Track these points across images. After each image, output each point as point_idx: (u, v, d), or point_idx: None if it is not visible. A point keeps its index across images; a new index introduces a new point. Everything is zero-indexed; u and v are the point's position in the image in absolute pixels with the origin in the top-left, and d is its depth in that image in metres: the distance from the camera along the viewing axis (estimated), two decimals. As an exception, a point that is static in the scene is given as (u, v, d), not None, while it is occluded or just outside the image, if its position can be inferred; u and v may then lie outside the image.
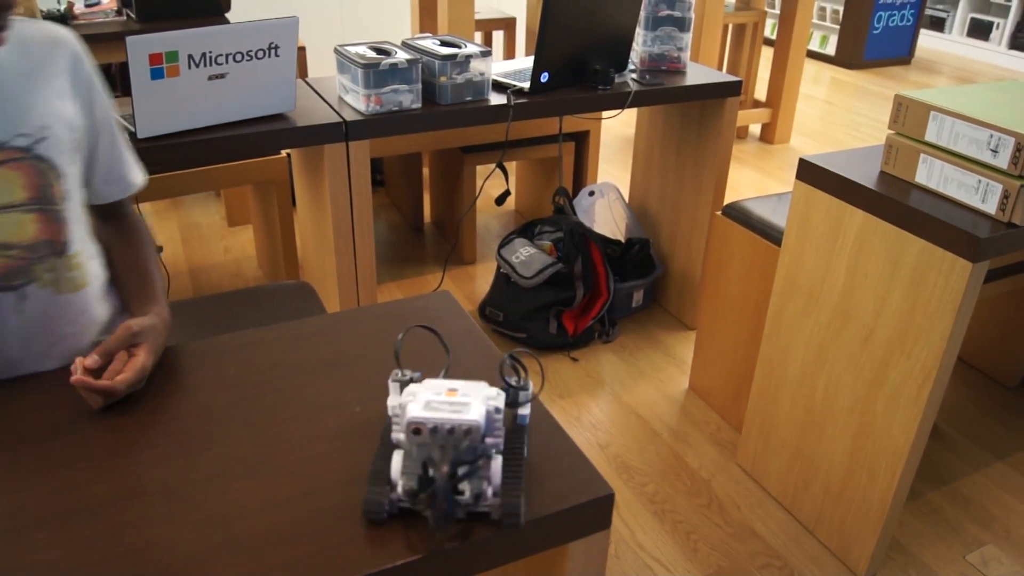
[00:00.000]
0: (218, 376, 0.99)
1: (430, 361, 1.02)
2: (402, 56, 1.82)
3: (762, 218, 1.88)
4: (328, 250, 1.97)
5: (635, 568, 1.66)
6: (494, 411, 0.77)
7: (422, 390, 0.78)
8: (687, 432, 2.07)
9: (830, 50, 6.03)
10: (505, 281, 2.40)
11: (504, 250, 2.42)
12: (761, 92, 4.28)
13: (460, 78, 1.90)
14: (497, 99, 1.96)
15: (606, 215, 2.68)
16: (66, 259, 1.03)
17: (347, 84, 1.87)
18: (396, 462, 0.76)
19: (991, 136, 1.33)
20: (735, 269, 1.96)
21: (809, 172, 1.58)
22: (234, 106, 1.71)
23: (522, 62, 2.24)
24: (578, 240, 2.34)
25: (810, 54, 6.13)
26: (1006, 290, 1.89)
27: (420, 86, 1.86)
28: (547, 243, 2.41)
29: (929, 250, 1.37)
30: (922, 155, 1.44)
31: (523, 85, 2.02)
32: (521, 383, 0.85)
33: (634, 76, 2.19)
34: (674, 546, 1.72)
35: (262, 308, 1.55)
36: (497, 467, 0.77)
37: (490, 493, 0.76)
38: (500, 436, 0.78)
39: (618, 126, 4.35)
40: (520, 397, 0.84)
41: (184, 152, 1.65)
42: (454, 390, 0.78)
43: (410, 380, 0.83)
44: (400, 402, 0.77)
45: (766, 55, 4.95)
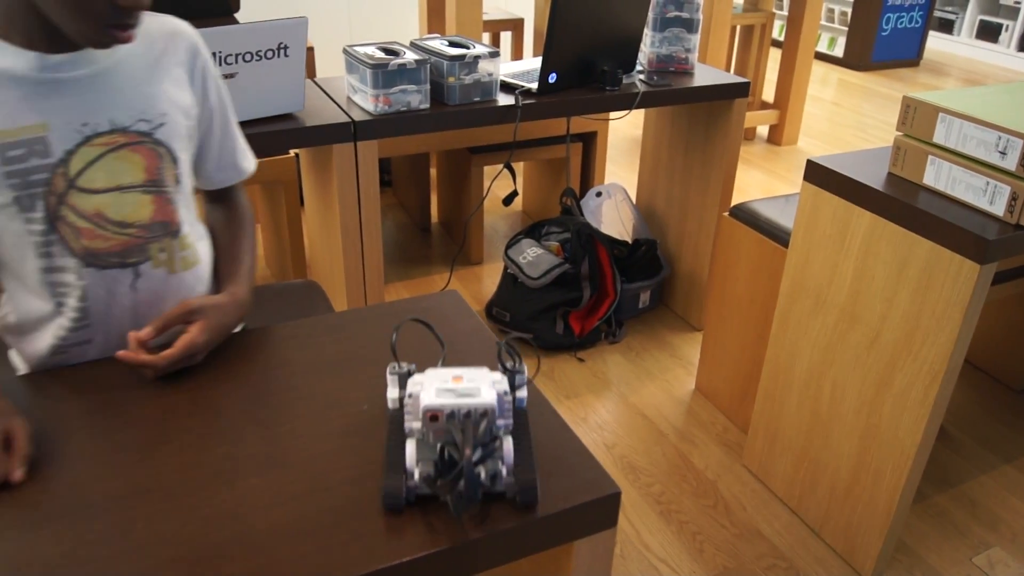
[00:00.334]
0: (227, 373, 0.99)
1: (431, 355, 1.03)
2: (411, 56, 1.83)
3: (769, 219, 1.88)
4: (336, 250, 1.98)
5: (641, 568, 1.67)
6: (503, 393, 0.79)
7: (428, 379, 0.79)
8: (693, 433, 2.07)
9: (838, 52, 6.01)
10: (512, 281, 2.40)
11: (511, 250, 2.42)
12: (769, 94, 4.28)
13: (468, 79, 1.91)
14: (505, 100, 1.96)
15: (613, 216, 2.68)
16: (179, 240, 1.07)
17: (356, 84, 1.88)
18: (410, 450, 0.78)
19: (999, 138, 1.33)
20: (742, 270, 1.96)
21: (817, 173, 1.58)
22: (243, 106, 1.71)
23: (530, 63, 2.25)
24: (585, 241, 2.34)
25: (818, 56, 6.12)
26: (1013, 292, 1.88)
27: (428, 86, 1.86)
28: (554, 244, 2.41)
29: (937, 252, 1.37)
30: (930, 157, 1.44)
31: (531, 86, 2.02)
32: (516, 367, 0.86)
33: (642, 77, 2.19)
34: (680, 546, 1.72)
35: (270, 306, 1.56)
36: (509, 447, 0.79)
37: (504, 473, 0.78)
38: (510, 417, 0.80)
39: (626, 127, 4.35)
40: (516, 380, 0.86)
41: (194, 151, 1.66)
42: (459, 377, 0.79)
43: (408, 373, 0.85)
44: (410, 392, 0.78)
45: (774, 56, 4.95)
